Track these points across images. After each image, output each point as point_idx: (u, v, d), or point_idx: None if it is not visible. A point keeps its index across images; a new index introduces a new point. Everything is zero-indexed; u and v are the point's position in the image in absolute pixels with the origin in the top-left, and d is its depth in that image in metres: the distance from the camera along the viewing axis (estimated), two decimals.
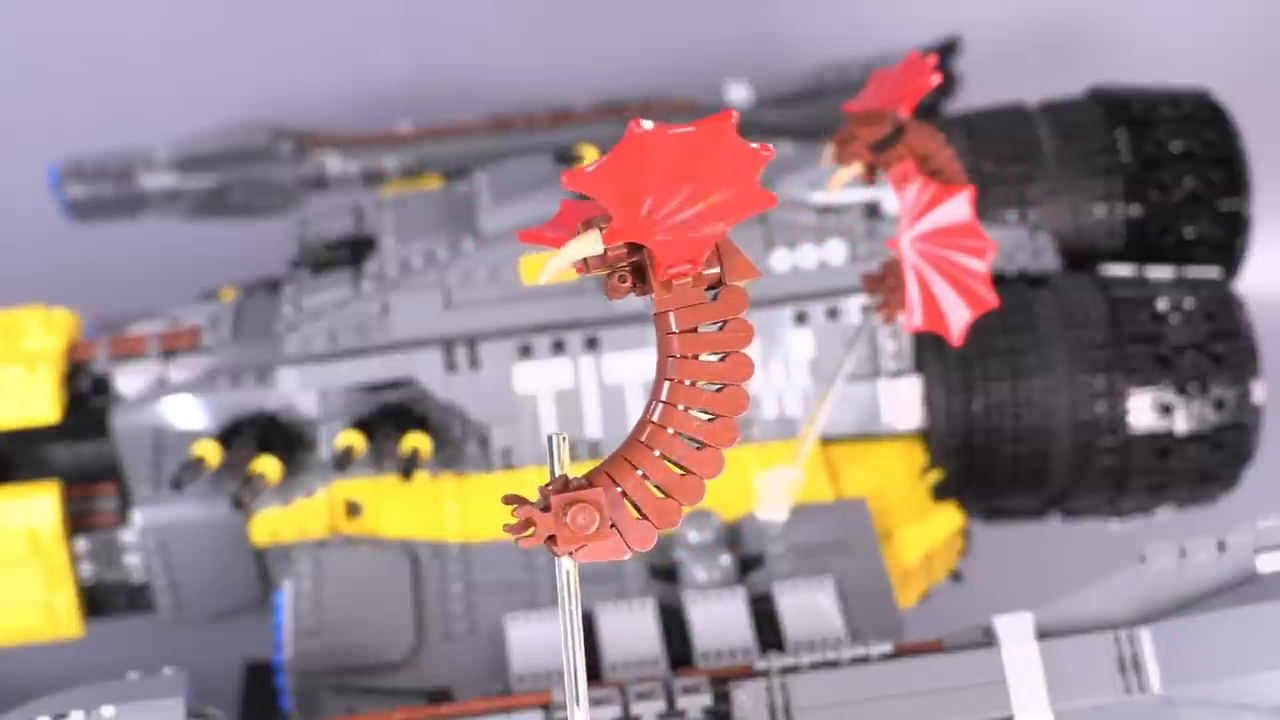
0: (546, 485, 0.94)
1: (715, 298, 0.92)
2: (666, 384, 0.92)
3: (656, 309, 0.91)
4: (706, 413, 0.93)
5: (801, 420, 1.63)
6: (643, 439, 0.93)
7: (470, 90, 2.41)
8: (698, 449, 0.93)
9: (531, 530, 0.94)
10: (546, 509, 0.93)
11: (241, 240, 2.15)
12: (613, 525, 0.94)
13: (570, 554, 0.94)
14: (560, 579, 1.00)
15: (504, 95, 2.19)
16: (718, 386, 0.93)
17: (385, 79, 2.44)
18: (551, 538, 0.93)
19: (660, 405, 0.93)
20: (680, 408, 0.92)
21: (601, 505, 0.93)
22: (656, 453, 0.93)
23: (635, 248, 0.90)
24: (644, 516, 0.94)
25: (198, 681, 1.37)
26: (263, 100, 2.35)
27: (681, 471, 0.94)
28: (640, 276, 0.91)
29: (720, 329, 0.92)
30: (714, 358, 0.92)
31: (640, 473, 0.93)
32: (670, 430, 0.93)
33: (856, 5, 2.42)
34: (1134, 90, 1.80)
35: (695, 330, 0.91)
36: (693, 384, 0.92)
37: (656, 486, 0.94)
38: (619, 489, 0.94)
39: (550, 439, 0.94)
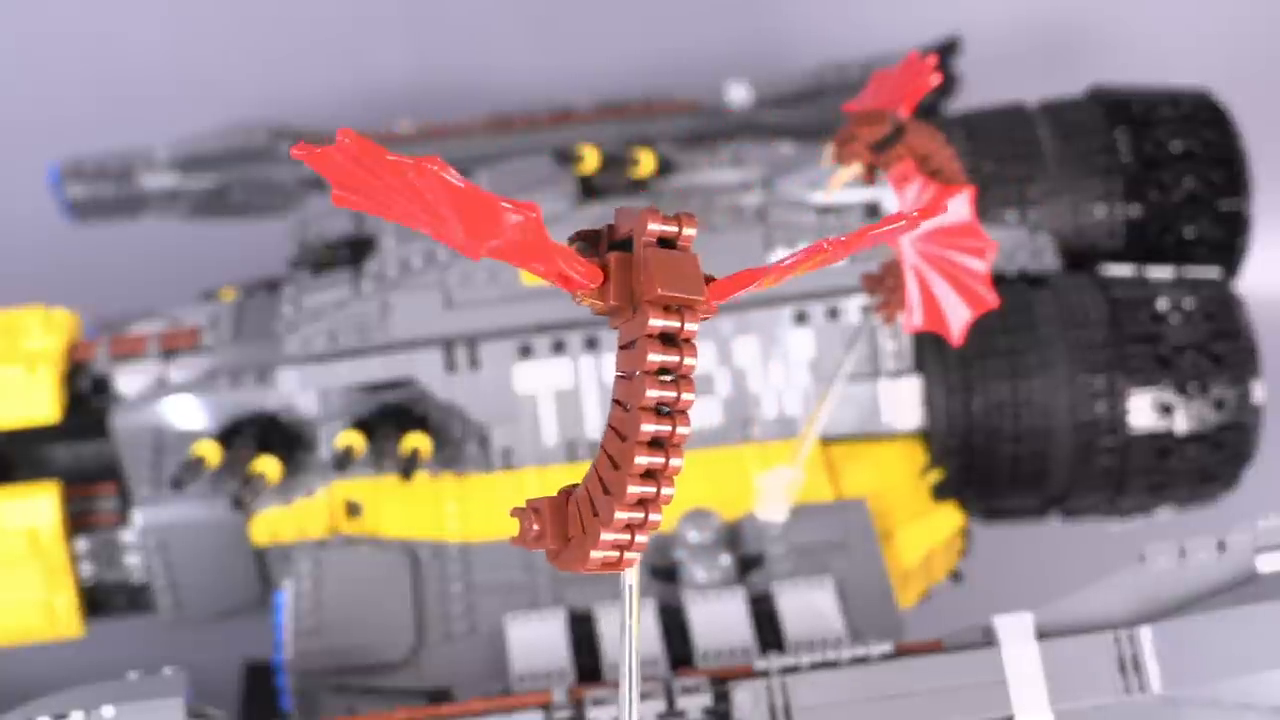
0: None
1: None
2: (613, 405, 0.89)
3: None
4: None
5: (801, 420, 1.63)
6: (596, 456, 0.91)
7: (470, 90, 2.41)
8: (614, 470, 0.89)
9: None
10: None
11: (241, 240, 2.15)
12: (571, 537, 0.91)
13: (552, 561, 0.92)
14: (623, 592, 0.98)
15: (504, 95, 2.19)
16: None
17: (385, 79, 2.44)
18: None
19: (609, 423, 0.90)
20: (611, 426, 0.89)
21: (541, 514, 0.90)
22: (605, 456, 0.90)
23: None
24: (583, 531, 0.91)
25: (198, 681, 1.37)
26: (263, 100, 2.35)
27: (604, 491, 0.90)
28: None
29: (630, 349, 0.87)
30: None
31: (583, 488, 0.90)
32: (603, 449, 0.90)
33: (856, 5, 2.42)
34: (1134, 90, 1.80)
35: (625, 347, 0.88)
36: (618, 403, 0.89)
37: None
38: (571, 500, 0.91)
39: None
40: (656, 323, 0.86)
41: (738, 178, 1.73)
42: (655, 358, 0.86)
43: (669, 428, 0.87)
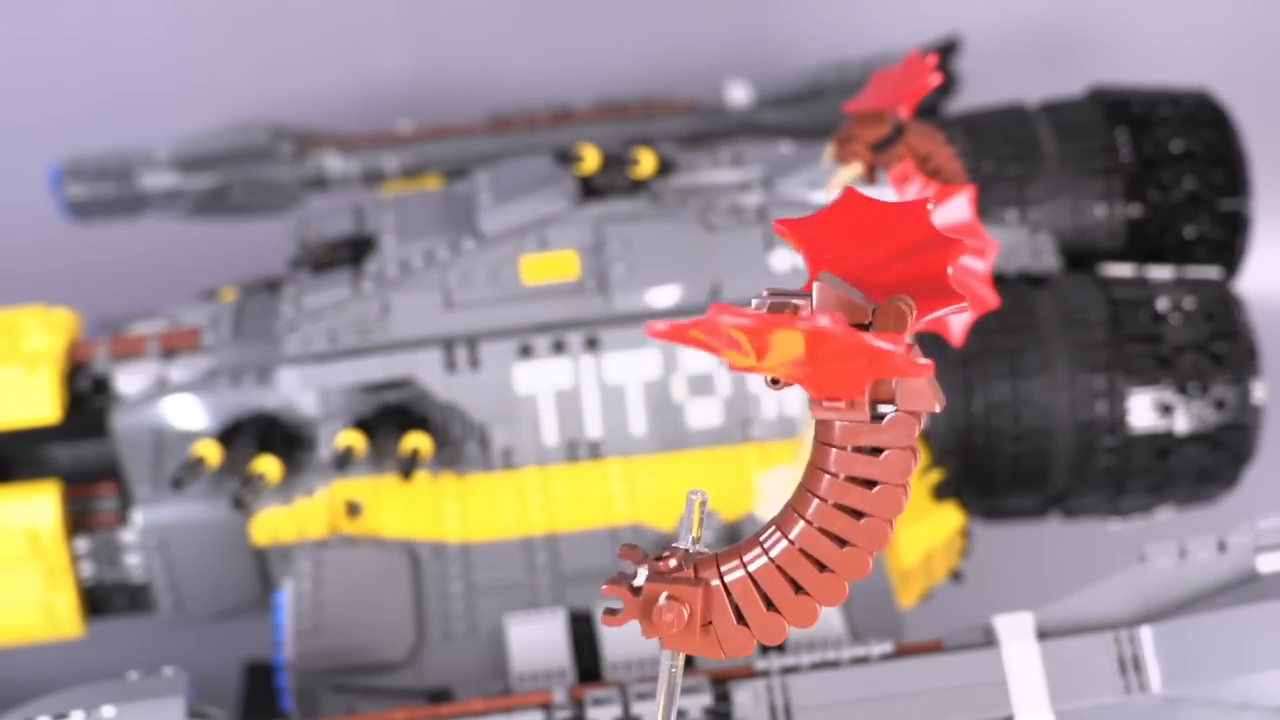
0: (666, 554, 0.89)
1: (883, 419, 0.85)
2: (810, 499, 0.86)
3: (815, 414, 0.84)
4: (841, 539, 0.87)
5: (801, 420, 1.63)
6: (768, 548, 0.87)
7: (470, 90, 2.41)
8: (821, 571, 0.87)
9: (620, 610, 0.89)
10: (637, 591, 0.87)
11: (241, 240, 2.15)
12: (709, 623, 0.88)
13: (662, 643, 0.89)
14: (662, 669, 0.94)
15: (504, 95, 2.20)
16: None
17: (385, 79, 2.44)
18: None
19: (798, 521, 0.87)
20: (816, 527, 0.86)
21: (696, 605, 0.87)
22: (775, 566, 0.87)
23: None
24: (744, 623, 0.89)
25: (198, 681, 1.37)
26: (263, 100, 2.35)
27: (795, 590, 0.88)
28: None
29: (880, 455, 0.84)
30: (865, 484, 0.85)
31: (752, 581, 0.88)
32: (798, 547, 0.87)
33: (856, 5, 2.42)
34: (1134, 90, 1.80)
35: (853, 450, 0.84)
36: (836, 506, 0.86)
37: (764, 597, 0.88)
38: (726, 591, 0.88)
39: (690, 499, 0.89)
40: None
41: (738, 178, 1.73)
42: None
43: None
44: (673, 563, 0.88)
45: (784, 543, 0.87)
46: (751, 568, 0.88)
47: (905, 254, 0.83)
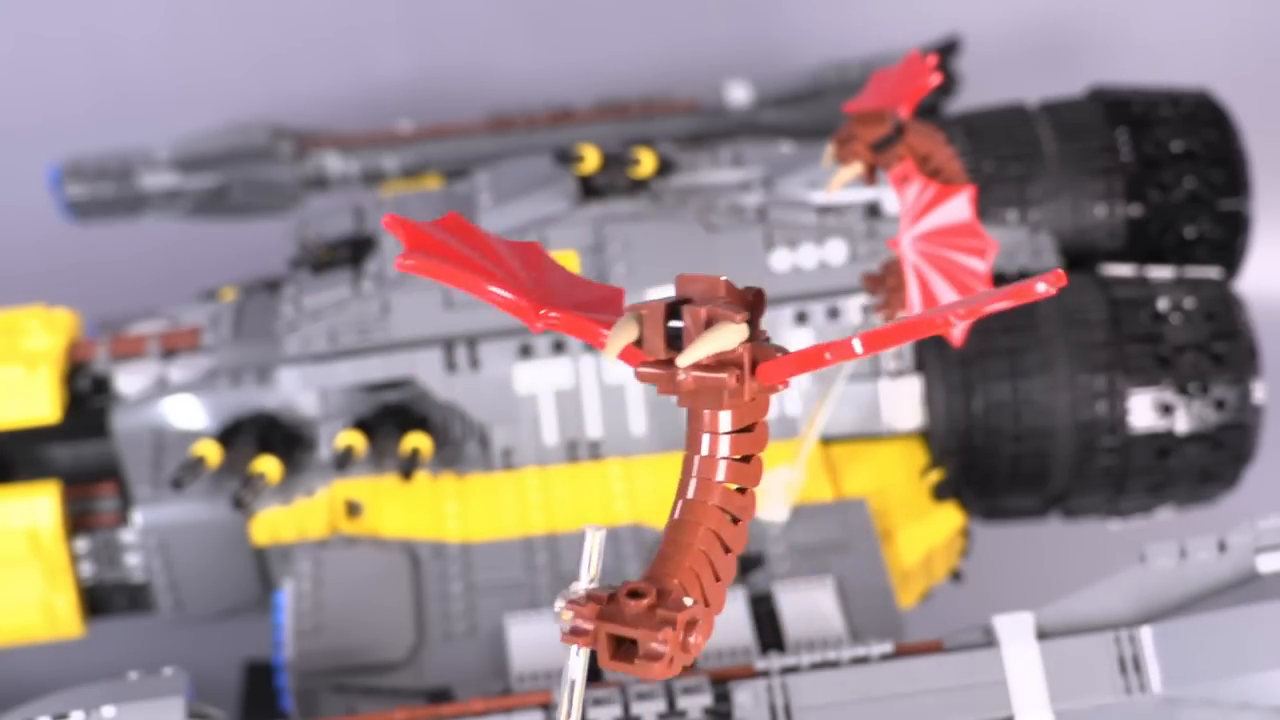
0: (599, 590, 0.90)
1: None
2: (712, 486, 0.90)
3: (708, 406, 0.89)
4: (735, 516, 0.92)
5: (801, 420, 1.63)
6: (702, 546, 0.91)
7: (470, 90, 2.41)
8: (726, 553, 0.92)
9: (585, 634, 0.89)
10: (668, 624, 0.88)
11: (241, 240, 2.15)
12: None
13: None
14: (567, 672, 0.95)
15: (504, 95, 2.19)
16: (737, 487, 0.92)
17: (385, 79, 2.44)
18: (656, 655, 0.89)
19: (713, 510, 0.91)
20: (725, 512, 0.91)
21: (706, 621, 0.90)
22: (708, 559, 0.91)
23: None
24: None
25: (198, 681, 1.37)
26: (263, 100, 2.35)
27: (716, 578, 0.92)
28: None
29: (752, 431, 0.90)
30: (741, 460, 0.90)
31: (698, 581, 0.91)
32: (716, 534, 0.91)
33: (856, 5, 2.42)
34: (1134, 90, 1.80)
35: (739, 431, 0.89)
36: (732, 486, 0.91)
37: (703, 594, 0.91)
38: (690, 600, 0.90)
39: (588, 535, 0.91)
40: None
41: (738, 178, 1.73)
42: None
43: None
44: (644, 600, 0.90)
45: (711, 536, 0.91)
46: (699, 569, 0.91)
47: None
